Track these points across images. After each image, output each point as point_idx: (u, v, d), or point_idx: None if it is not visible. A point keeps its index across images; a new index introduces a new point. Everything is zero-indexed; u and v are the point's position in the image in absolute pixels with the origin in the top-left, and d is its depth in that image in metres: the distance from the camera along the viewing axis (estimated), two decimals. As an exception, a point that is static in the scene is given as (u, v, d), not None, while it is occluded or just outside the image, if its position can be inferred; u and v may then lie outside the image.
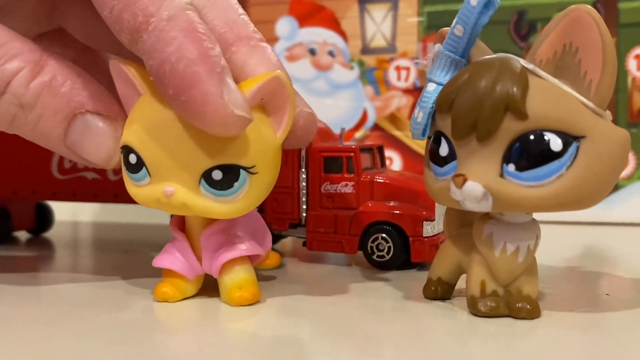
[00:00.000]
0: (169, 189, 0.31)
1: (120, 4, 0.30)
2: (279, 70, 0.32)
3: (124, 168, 0.33)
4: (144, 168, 0.32)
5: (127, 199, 0.49)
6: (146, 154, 0.31)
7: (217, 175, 0.31)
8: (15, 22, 0.34)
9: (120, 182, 0.37)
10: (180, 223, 0.36)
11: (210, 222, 0.34)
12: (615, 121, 0.30)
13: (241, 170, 0.31)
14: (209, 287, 0.36)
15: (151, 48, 0.29)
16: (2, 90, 0.32)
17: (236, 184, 0.32)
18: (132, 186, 0.33)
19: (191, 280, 0.35)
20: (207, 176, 0.31)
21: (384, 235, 0.42)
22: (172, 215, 0.36)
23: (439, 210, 0.42)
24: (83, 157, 0.33)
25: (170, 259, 0.35)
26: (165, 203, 0.32)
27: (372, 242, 0.42)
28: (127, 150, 0.32)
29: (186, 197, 0.31)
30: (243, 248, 0.35)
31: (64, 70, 0.33)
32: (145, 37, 0.29)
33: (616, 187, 0.59)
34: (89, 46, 0.41)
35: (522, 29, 0.62)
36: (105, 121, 0.33)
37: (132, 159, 0.32)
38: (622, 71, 0.59)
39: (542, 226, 0.32)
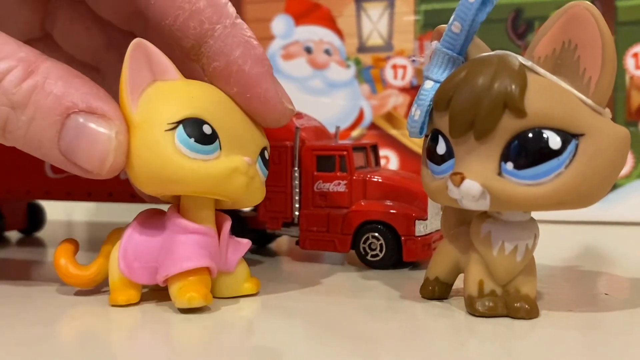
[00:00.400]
0: (249, 158, 0.33)
1: (185, 12, 0.33)
2: None
3: (181, 143, 0.31)
4: (217, 140, 0.32)
5: (121, 198, 0.49)
6: (219, 126, 0.32)
7: (266, 154, 0.35)
8: (9, 30, 0.33)
9: (114, 181, 0.36)
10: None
11: (219, 219, 0.35)
12: (613, 120, 0.30)
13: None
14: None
15: (218, 51, 0.33)
16: None
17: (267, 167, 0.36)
18: (190, 161, 0.31)
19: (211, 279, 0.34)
20: (262, 154, 0.35)
21: (376, 234, 0.42)
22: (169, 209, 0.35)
23: (432, 209, 0.42)
24: (77, 161, 0.32)
25: (203, 256, 0.33)
26: (245, 171, 0.33)
27: (364, 241, 0.42)
28: (198, 122, 0.32)
29: (256, 168, 0.34)
30: (246, 241, 0.36)
31: (58, 72, 0.32)
32: (211, 42, 0.33)
33: (614, 187, 0.58)
34: (69, 56, 0.41)
35: (519, 27, 0.62)
36: (99, 120, 0.32)
37: (207, 129, 0.32)
38: (620, 70, 0.59)
39: (540, 226, 0.32)
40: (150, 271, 0.34)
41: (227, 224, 0.35)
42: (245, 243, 0.36)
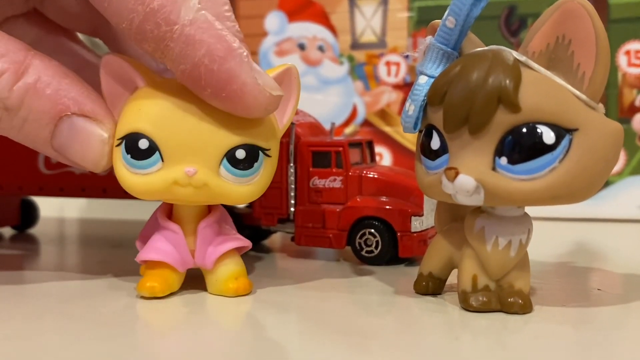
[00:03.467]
0: (190, 169, 0.32)
1: (139, 15, 0.30)
2: (292, 64, 0.34)
3: (123, 158, 0.32)
4: (156, 152, 0.32)
5: (115, 194, 0.49)
6: (162, 137, 0.32)
7: (240, 154, 0.32)
8: None
9: (108, 177, 0.36)
10: (167, 214, 0.35)
11: (204, 213, 0.35)
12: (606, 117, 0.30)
13: (259, 151, 0.33)
14: (190, 280, 0.36)
15: (181, 54, 0.30)
16: None
17: (255, 165, 0.33)
18: (132, 175, 0.32)
19: (180, 273, 0.35)
20: (230, 155, 0.32)
21: (372, 230, 0.42)
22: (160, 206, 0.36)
23: (428, 206, 0.42)
24: (71, 159, 0.33)
25: (160, 251, 0.34)
26: (185, 184, 0.32)
27: (360, 237, 0.42)
28: (135, 137, 0.32)
29: (207, 176, 0.32)
30: (239, 239, 0.35)
31: (49, 71, 0.32)
32: (172, 44, 0.30)
33: (606, 183, 0.59)
34: (55, 27, 0.40)
35: (512, 25, 0.62)
36: (91, 123, 0.32)
37: (143, 144, 0.32)
38: (612, 67, 0.59)
39: (533, 222, 0.32)
40: None
41: (207, 219, 0.35)
42: (233, 241, 0.35)
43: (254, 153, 0.33)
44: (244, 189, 0.33)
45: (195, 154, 0.32)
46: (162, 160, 0.32)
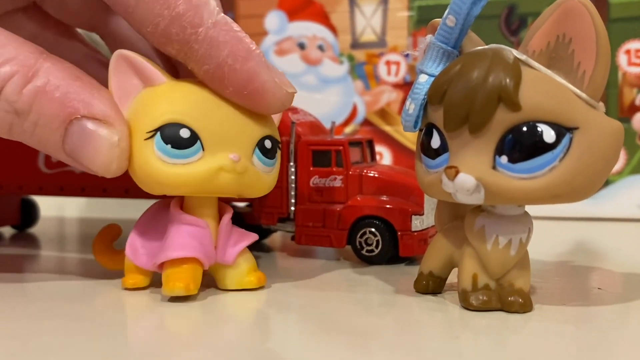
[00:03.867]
0: (234, 155, 0.33)
1: (165, 20, 0.32)
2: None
3: (159, 150, 0.32)
4: (198, 141, 0.32)
5: (115, 194, 0.49)
6: (201, 126, 0.32)
7: (268, 144, 0.34)
8: None
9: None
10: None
11: (216, 210, 0.35)
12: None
13: (277, 143, 0.35)
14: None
15: (205, 55, 0.32)
16: None
17: (276, 155, 0.35)
18: (170, 167, 0.32)
19: (203, 270, 0.34)
20: (261, 145, 0.34)
21: (372, 229, 0.42)
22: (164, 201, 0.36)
23: (428, 205, 0.42)
24: (83, 164, 0.32)
25: (189, 247, 0.34)
26: (230, 170, 0.33)
27: (361, 236, 0.42)
28: (174, 127, 0.32)
29: (247, 163, 0.33)
30: (252, 234, 0.36)
31: (59, 74, 0.32)
32: (196, 46, 0.32)
33: (606, 183, 0.59)
34: (54, 22, 0.40)
35: (512, 24, 0.62)
36: (101, 126, 0.32)
37: (185, 133, 0.32)
38: (612, 66, 0.59)
39: (533, 222, 0.32)
40: (148, 256, 0.35)
41: (227, 216, 0.35)
42: (249, 236, 0.36)
43: (275, 144, 0.35)
44: (268, 178, 0.35)
45: (233, 143, 0.33)
46: (203, 149, 0.32)
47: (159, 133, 0.32)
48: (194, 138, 0.32)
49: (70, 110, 0.31)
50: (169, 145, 0.32)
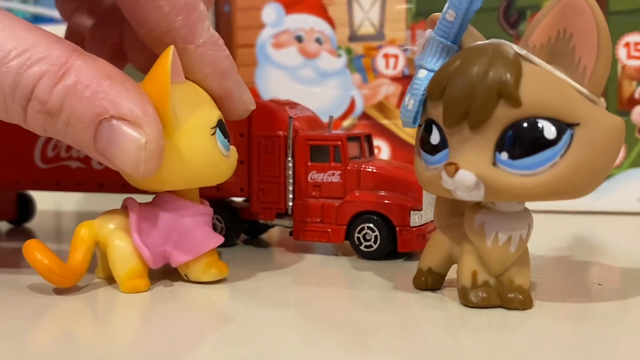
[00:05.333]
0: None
1: (160, 29, 0.34)
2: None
3: (222, 143, 0.35)
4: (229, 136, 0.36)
5: (112, 189, 0.48)
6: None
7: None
8: None
9: (105, 171, 0.36)
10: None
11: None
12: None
13: None
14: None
15: (187, 69, 0.35)
16: (28, 97, 0.31)
17: None
18: (226, 159, 0.36)
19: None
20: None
21: (370, 225, 0.41)
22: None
23: (427, 200, 0.41)
24: (114, 163, 0.32)
25: (215, 234, 0.36)
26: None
27: (359, 232, 0.42)
28: (223, 123, 0.36)
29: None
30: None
31: (89, 72, 0.31)
32: (184, 59, 0.34)
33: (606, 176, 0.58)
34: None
35: (511, 16, 0.61)
36: (129, 127, 0.31)
37: (226, 127, 0.36)
38: (612, 59, 0.59)
39: (532, 215, 0.32)
40: (161, 255, 0.35)
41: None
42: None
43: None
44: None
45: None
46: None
47: (217, 128, 0.34)
48: (228, 133, 0.36)
49: (99, 110, 0.31)
50: (227, 140, 0.35)
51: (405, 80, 0.64)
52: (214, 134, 0.34)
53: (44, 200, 0.59)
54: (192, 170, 0.34)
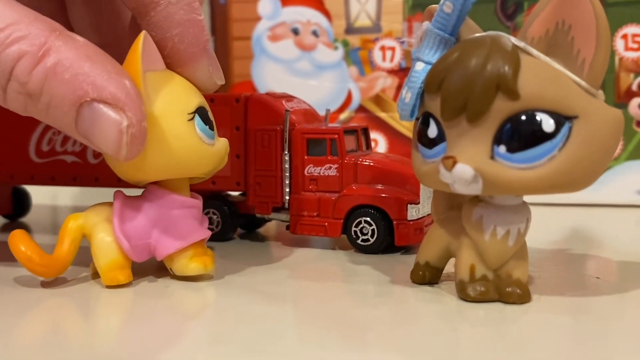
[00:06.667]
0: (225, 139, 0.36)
1: None
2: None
3: (201, 130, 0.34)
4: (214, 125, 0.35)
5: (108, 183, 0.48)
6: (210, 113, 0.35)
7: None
8: None
9: (101, 165, 0.36)
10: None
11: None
12: (603, 102, 0.30)
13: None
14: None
15: (157, 24, 0.33)
16: (7, 78, 0.30)
17: None
18: (208, 147, 0.34)
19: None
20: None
21: (367, 218, 0.41)
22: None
23: (424, 193, 0.41)
24: (96, 146, 0.32)
25: (201, 229, 0.36)
26: (228, 151, 0.36)
27: (356, 225, 0.41)
28: (204, 109, 0.34)
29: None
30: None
31: (70, 54, 0.31)
32: (152, 14, 0.33)
33: (603, 169, 0.58)
34: None
35: (508, 8, 0.61)
36: (110, 109, 0.31)
37: (210, 115, 0.35)
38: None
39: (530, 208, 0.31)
40: (145, 248, 0.35)
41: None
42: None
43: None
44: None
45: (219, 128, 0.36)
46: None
47: (197, 114, 0.33)
48: (212, 122, 0.35)
49: (80, 93, 0.31)
50: (207, 126, 0.34)
51: (402, 72, 0.64)
52: (191, 119, 0.33)
53: (40, 195, 0.59)
54: (170, 157, 0.33)
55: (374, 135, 0.64)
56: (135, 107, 0.31)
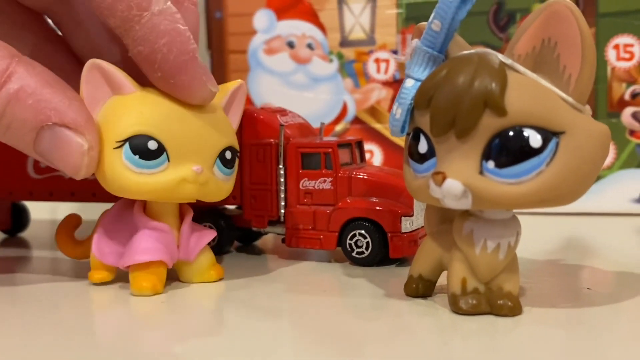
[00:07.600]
0: (198, 167, 0.35)
1: None
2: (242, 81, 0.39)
3: (127, 159, 0.34)
4: (164, 153, 0.34)
5: (105, 198, 0.48)
6: (167, 139, 0.34)
7: (228, 154, 0.36)
8: None
9: (97, 181, 0.36)
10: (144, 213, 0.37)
11: (177, 211, 0.37)
12: (595, 111, 0.30)
13: (236, 153, 0.37)
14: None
15: (143, 38, 0.33)
16: None
17: (234, 165, 0.37)
18: (137, 176, 0.34)
19: (167, 269, 0.36)
20: (221, 156, 0.36)
21: (362, 231, 0.42)
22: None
23: (418, 206, 0.42)
24: (54, 165, 0.34)
25: (153, 250, 0.36)
26: (193, 181, 0.34)
27: (351, 238, 0.42)
28: (142, 138, 0.34)
29: (209, 174, 0.35)
30: (211, 230, 0.39)
31: (32, 80, 0.32)
32: (137, 27, 0.33)
33: (596, 178, 0.59)
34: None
35: (501, 20, 0.62)
36: (72, 133, 0.33)
37: (153, 145, 0.34)
38: (601, 61, 0.59)
39: (520, 217, 0.32)
40: (118, 256, 0.37)
41: (188, 217, 0.38)
42: (208, 234, 0.38)
43: (234, 154, 0.37)
44: (226, 185, 0.37)
45: (196, 154, 0.35)
46: (168, 160, 0.34)
47: (127, 143, 0.34)
48: (161, 150, 0.34)
49: (42, 117, 0.32)
50: (137, 156, 0.34)
51: (396, 84, 0.64)
52: (118, 147, 0.34)
53: (39, 209, 0.59)
54: (105, 182, 0.35)
55: (369, 146, 0.65)
56: (94, 131, 0.33)
